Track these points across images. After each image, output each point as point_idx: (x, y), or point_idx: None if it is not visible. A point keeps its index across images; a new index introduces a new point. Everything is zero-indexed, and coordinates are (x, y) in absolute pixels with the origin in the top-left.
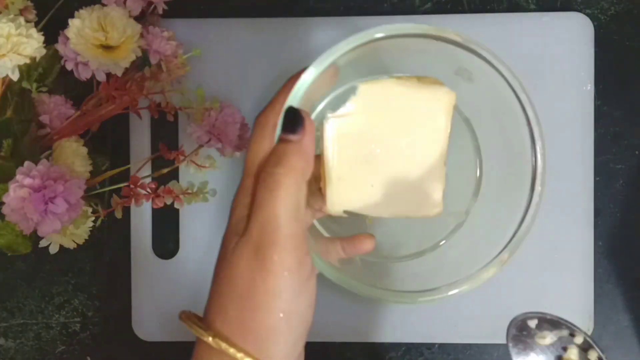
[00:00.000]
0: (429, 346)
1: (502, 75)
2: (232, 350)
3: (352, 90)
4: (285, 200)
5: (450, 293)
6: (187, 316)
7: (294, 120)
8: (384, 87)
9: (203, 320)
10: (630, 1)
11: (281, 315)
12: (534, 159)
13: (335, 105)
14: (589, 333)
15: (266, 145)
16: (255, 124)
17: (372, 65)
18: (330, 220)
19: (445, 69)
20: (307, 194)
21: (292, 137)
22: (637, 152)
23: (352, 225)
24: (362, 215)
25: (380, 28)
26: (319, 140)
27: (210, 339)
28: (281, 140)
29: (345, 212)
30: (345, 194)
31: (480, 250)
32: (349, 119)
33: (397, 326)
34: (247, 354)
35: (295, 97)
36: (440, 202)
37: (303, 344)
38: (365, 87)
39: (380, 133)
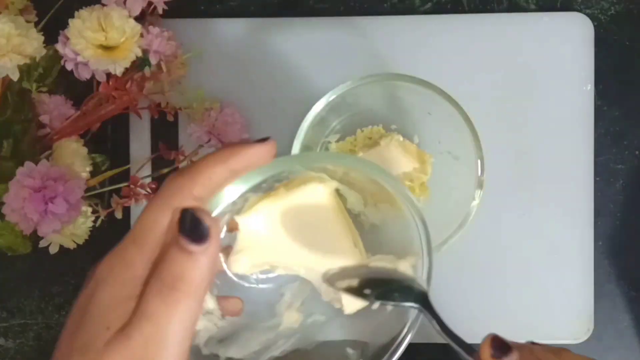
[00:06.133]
0: (429, 346)
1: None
2: None
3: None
4: (183, 318)
5: None
6: None
7: (198, 228)
8: (260, 209)
9: None
10: (631, 1)
11: None
12: None
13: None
14: (589, 333)
15: (166, 218)
16: (164, 184)
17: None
18: None
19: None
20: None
21: (195, 248)
22: (637, 152)
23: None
24: None
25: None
26: None
27: None
28: (182, 249)
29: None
30: None
31: None
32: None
33: None
34: None
35: (215, 203)
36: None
37: None
38: (244, 220)
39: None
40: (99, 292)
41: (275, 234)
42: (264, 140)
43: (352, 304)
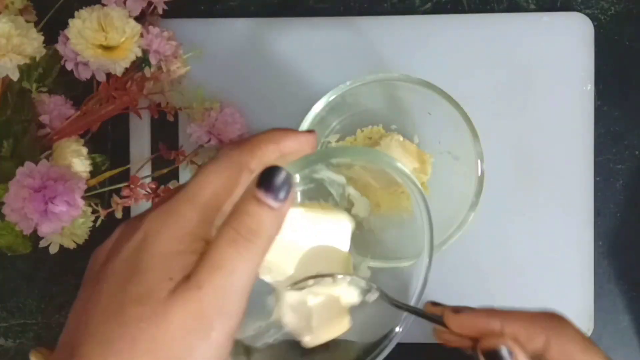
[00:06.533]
0: (430, 346)
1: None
2: None
3: None
4: (252, 273)
5: None
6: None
7: (283, 185)
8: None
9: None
10: (631, 1)
11: None
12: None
13: None
14: (589, 333)
15: (221, 182)
16: (220, 153)
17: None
18: None
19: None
20: None
21: (273, 203)
22: (637, 152)
23: None
24: None
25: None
26: None
27: None
28: (261, 203)
29: None
30: None
31: None
32: None
33: None
34: None
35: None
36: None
37: None
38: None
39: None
40: (153, 244)
41: (289, 239)
42: (309, 131)
43: (315, 339)
